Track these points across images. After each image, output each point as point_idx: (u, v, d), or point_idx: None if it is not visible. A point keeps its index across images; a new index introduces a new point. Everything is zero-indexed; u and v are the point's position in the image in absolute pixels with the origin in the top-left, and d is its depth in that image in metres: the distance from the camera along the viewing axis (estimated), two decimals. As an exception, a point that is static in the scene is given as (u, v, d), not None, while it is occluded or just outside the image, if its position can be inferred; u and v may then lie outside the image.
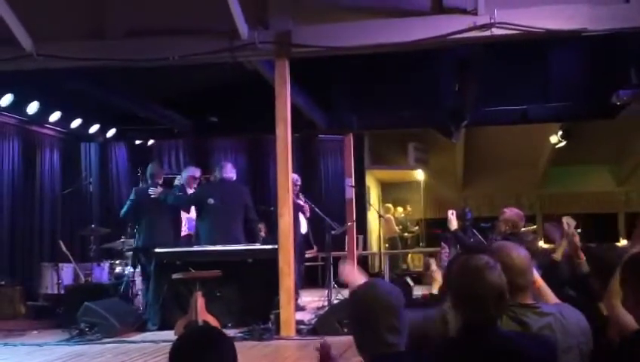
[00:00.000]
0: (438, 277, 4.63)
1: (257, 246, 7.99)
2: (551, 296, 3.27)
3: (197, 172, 9.14)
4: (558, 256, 4.35)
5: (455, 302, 2.77)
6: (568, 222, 4.20)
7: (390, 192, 17.87)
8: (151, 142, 13.11)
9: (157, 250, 7.91)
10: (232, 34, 6.97)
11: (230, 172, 8.54)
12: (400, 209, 16.84)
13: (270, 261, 7.29)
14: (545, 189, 17.68)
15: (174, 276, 7.29)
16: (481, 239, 6.70)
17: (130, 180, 12.64)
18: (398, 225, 16.18)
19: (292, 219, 7.11)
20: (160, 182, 8.82)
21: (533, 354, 2.62)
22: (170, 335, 7.13)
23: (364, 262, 13.67)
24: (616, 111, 10.04)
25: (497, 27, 6.59)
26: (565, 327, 2.86)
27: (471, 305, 2.65)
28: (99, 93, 9.40)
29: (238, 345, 6.06)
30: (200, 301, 7.09)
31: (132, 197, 8.82)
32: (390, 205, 16.67)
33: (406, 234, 16.32)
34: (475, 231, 6.80)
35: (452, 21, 6.71)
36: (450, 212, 6.80)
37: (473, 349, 2.61)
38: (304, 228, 9.68)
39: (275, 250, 7.15)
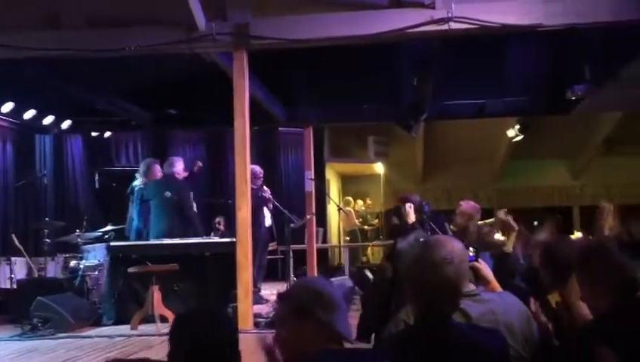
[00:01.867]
0: None
1: (215, 239, 7.94)
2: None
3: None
4: (508, 248, 4.42)
5: (410, 295, 2.79)
6: (500, 216, 4.28)
7: (350, 185, 17.92)
8: (108, 134, 12.91)
9: (112, 243, 7.80)
10: (189, 25, 6.88)
11: (171, 166, 8.46)
12: (360, 202, 16.90)
13: (229, 254, 7.25)
14: (502, 183, 17.92)
15: (130, 270, 7.20)
16: (439, 232, 6.73)
17: (86, 172, 12.47)
18: (358, 218, 16.24)
19: (250, 212, 7.05)
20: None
21: (486, 347, 2.65)
22: (126, 329, 7.07)
23: (324, 255, 13.70)
24: (571, 107, 10.21)
25: (454, 21, 6.63)
26: (507, 312, 2.90)
27: (426, 299, 2.66)
28: (54, 83, 9.22)
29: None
30: (156, 295, 7.02)
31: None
32: (350, 198, 16.73)
33: (366, 227, 16.39)
34: (432, 224, 6.83)
35: (410, 15, 6.74)
36: (407, 205, 6.82)
37: (427, 342, 2.62)
38: (268, 220, 9.64)
39: (233, 244, 7.10)
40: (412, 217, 6.74)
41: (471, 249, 3.34)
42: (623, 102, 10.77)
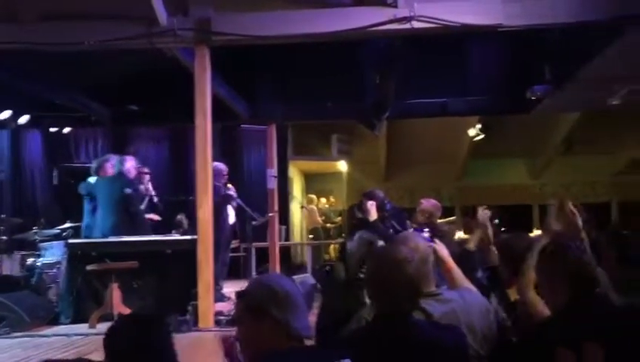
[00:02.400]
0: None
1: (176, 236, 7.86)
2: (463, 281, 3.34)
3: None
4: (471, 245, 4.44)
5: (371, 293, 2.79)
6: (482, 214, 4.31)
7: (314, 183, 17.93)
8: (67, 130, 12.69)
9: (70, 240, 7.68)
10: (150, 20, 6.80)
11: (120, 164, 8.39)
12: (323, 200, 16.91)
13: (190, 252, 7.17)
14: (464, 182, 18.12)
15: (89, 267, 7.09)
16: (400, 230, 6.75)
17: (45, 168, 12.26)
18: (321, 216, 16.25)
19: (211, 210, 7.00)
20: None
21: (445, 344, 2.66)
22: (84, 328, 6.96)
23: (286, 253, 13.67)
24: (531, 107, 10.35)
25: (417, 20, 6.66)
26: (468, 312, 2.93)
27: (386, 296, 2.67)
28: (10, 77, 9.01)
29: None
30: (115, 293, 6.93)
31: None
32: (313, 196, 16.73)
33: (329, 224, 16.41)
34: (394, 222, 6.84)
35: (373, 14, 6.75)
36: (369, 202, 6.82)
37: (387, 340, 2.63)
38: (232, 218, 9.56)
39: (195, 241, 7.03)
40: (373, 214, 6.74)
41: (426, 230, 3.39)
42: (581, 103, 10.96)
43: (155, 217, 9.12)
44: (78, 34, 6.89)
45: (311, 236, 15.75)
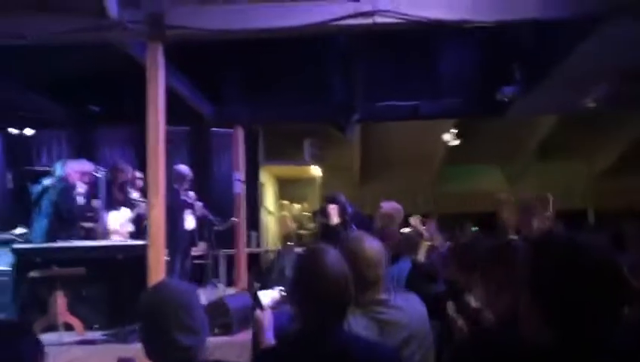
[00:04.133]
0: None
1: (127, 241, 7.48)
2: None
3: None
4: (420, 256, 4.17)
5: (294, 301, 2.48)
6: (413, 221, 4.06)
7: (287, 189, 17.58)
8: (30, 132, 12.28)
9: (15, 246, 7.28)
10: (99, 12, 6.44)
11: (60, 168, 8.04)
12: (297, 206, 16.57)
13: (143, 257, 6.79)
14: (440, 187, 17.86)
15: (32, 274, 6.69)
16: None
17: (4, 172, 11.82)
18: (295, 222, 15.90)
19: (163, 213, 6.63)
20: None
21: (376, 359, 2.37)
22: (26, 339, 6.55)
23: (256, 260, 13.32)
24: (504, 109, 10.08)
25: (380, 15, 6.37)
26: (415, 318, 2.82)
27: (310, 306, 2.36)
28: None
29: (99, 348, 5.53)
30: (60, 301, 6.54)
31: None
32: (287, 202, 16.39)
33: (302, 231, 16.04)
34: (355, 226, 6.53)
35: (333, 8, 6.44)
36: (330, 206, 6.53)
37: (309, 353, 2.32)
38: (190, 224, 9.19)
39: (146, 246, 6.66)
40: (335, 218, 6.47)
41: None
42: (555, 106, 10.73)
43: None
44: (21, 27, 6.51)
45: (290, 243, 15.41)
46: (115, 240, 8.06)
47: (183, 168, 9.35)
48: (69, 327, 6.46)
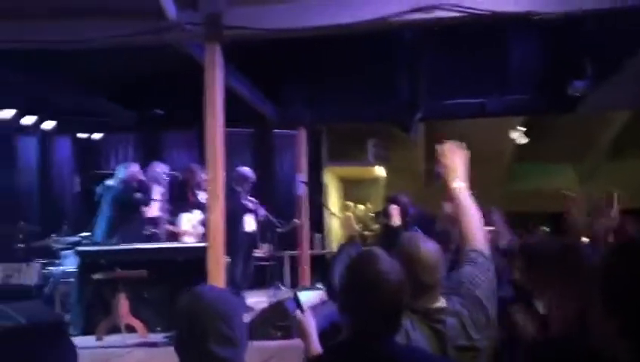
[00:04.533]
0: None
1: (188, 243, 7.48)
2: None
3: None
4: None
5: (343, 308, 2.33)
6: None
7: (352, 190, 17.40)
8: (97, 136, 12.54)
9: (79, 248, 7.37)
10: (158, 15, 6.44)
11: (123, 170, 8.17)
12: (361, 207, 16.38)
13: (204, 259, 6.77)
14: (508, 186, 17.36)
15: (95, 276, 6.76)
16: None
17: (73, 175, 12.09)
18: (359, 223, 15.72)
19: (223, 216, 6.58)
20: None
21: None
22: (91, 340, 6.62)
23: (321, 262, 13.22)
24: (575, 105, 9.68)
25: (441, 9, 6.15)
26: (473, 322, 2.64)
27: (360, 314, 2.22)
28: (29, 81, 8.83)
29: (160, 350, 5.50)
30: (123, 303, 6.58)
31: None
32: (350, 203, 16.21)
33: (366, 232, 15.84)
34: (417, 228, 6.34)
35: (393, 3, 6.26)
36: (392, 207, 6.35)
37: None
38: (251, 226, 9.15)
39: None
40: (396, 220, 6.28)
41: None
42: (629, 100, 10.22)
43: None
44: (85, 31, 6.59)
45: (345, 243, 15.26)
46: (186, 242, 8.09)
47: (246, 170, 9.32)
48: (131, 329, 6.48)
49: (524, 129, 13.81)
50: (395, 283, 2.20)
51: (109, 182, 8.11)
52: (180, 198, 8.72)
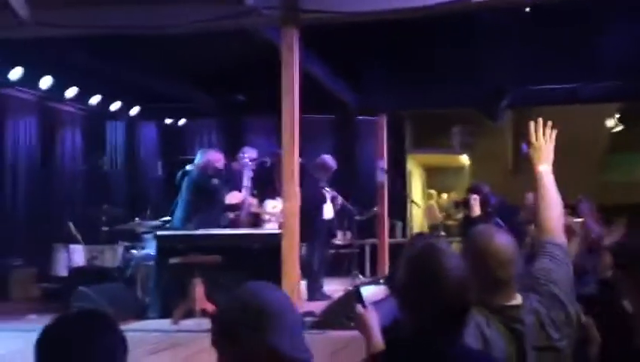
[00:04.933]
0: None
1: (264, 230, 7.45)
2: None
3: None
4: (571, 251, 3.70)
5: (404, 306, 2.17)
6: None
7: (435, 178, 17.09)
8: (182, 121, 12.75)
9: (158, 232, 7.46)
10: (236, 0, 6.40)
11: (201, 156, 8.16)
12: (445, 195, 16.08)
13: (279, 247, 6.72)
14: (602, 177, 16.58)
15: (171, 261, 6.82)
16: (504, 227, 5.97)
17: (157, 160, 12.32)
18: (442, 212, 15.42)
19: (298, 202, 6.50)
20: None
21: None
22: (166, 324, 6.70)
23: (402, 250, 13.00)
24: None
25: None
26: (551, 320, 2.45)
27: (422, 313, 2.06)
28: (113, 67, 9.01)
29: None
30: (198, 288, 6.60)
31: None
32: (433, 191, 15.93)
33: (450, 221, 15.52)
34: (498, 219, 6.06)
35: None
36: (472, 197, 6.10)
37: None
38: (328, 213, 9.04)
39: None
40: (476, 210, 6.04)
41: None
42: None
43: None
44: (163, 17, 6.62)
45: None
46: (269, 228, 8.08)
47: (328, 158, 9.22)
48: (206, 314, 6.50)
49: (619, 116, 13.14)
50: (457, 279, 2.02)
51: (188, 167, 8.17)
52: (267, 184, 8.72)
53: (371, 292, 2.84)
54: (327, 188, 8.94)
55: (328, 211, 8.88)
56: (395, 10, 6.20)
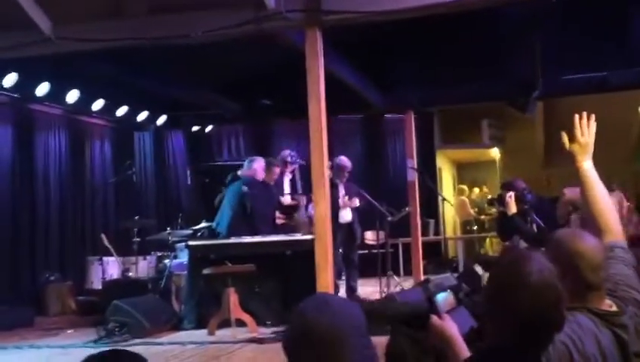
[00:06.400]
0: None
1: (296, 236, 7.36)
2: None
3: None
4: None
5: (489, 317, 2.07)
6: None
7: (466, 173, 16.88)
8: (209, 128, 12.74)
9: (190, 242, 7.41)
10: (258, 5, 6.33)
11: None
12: (476, 190, 15.85)
13: (311, 252, 6.63)
14: (638, 166, 16.23)
15: (205, 271, 6.77)
16: (542, 224, 5.82)
17: (186, 168, 12.32)
18: (474, 207, 15.20)
19: (329, 206, 6.41)
20: None
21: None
22: (202, 335, 6.65)
23: (435, 249, 12.85)
24: None
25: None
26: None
27: (508, 326, 1.95)
28: (138, 78, 9.01)
29: (271, 346, 5.35)
30: (233, 297, 6.56)
31: None
32: (465, 186, 15.71)
33: (482, 216, 15.30)
34: (535, 215, 5.91)
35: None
36: (508, 194, 5.96)
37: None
38: (347, 217, 8.88)
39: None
40: (512, 208, 5.89)
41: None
42: None
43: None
44: (183, 25, 6.57)
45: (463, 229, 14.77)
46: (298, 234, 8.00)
47: (343, 159, 9.12)
48: (241, 323, 6.45)
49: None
50: (549, 288, 1.91)
51: (239, 172, 8.12)
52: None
53: (445, 299, 2.67)
54: (343, 191, 8.82)
55: (345, 214, 8.74)
56: (418, 7, 6.08)
